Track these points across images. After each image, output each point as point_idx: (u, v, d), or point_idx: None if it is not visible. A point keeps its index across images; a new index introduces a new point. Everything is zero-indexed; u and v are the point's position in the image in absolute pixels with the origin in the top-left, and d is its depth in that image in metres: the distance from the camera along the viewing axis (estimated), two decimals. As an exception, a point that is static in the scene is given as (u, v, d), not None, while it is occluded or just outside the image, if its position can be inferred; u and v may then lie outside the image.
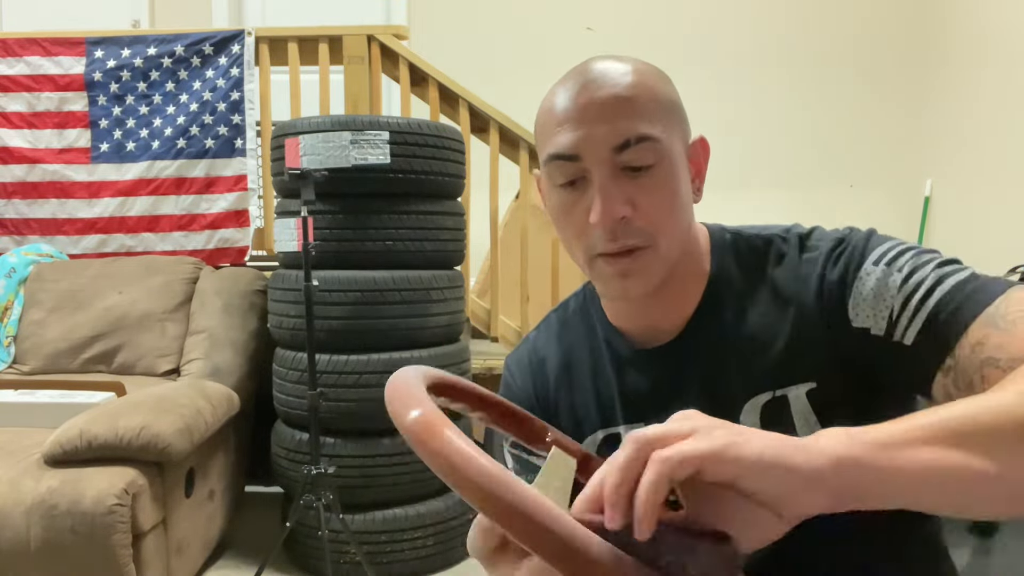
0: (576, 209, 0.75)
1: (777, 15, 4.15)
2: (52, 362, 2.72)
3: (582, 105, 0.72)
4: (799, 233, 0.81)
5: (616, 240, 0.73)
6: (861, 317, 0.72)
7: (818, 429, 0.72)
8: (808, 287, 0.76)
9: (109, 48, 3.08)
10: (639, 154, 0.72)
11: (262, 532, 2.67)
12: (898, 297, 0.70)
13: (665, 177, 0.73)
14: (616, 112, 0.71)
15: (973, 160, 3.69)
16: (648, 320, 0.82)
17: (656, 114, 0.73)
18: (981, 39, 3.65)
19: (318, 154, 2.29)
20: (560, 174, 0.75)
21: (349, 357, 2.31)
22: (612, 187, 0.72)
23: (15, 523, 1.79)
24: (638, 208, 0.72)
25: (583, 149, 0.72)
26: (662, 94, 0.75)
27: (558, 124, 0.74)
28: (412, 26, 3.97)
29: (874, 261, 0.72)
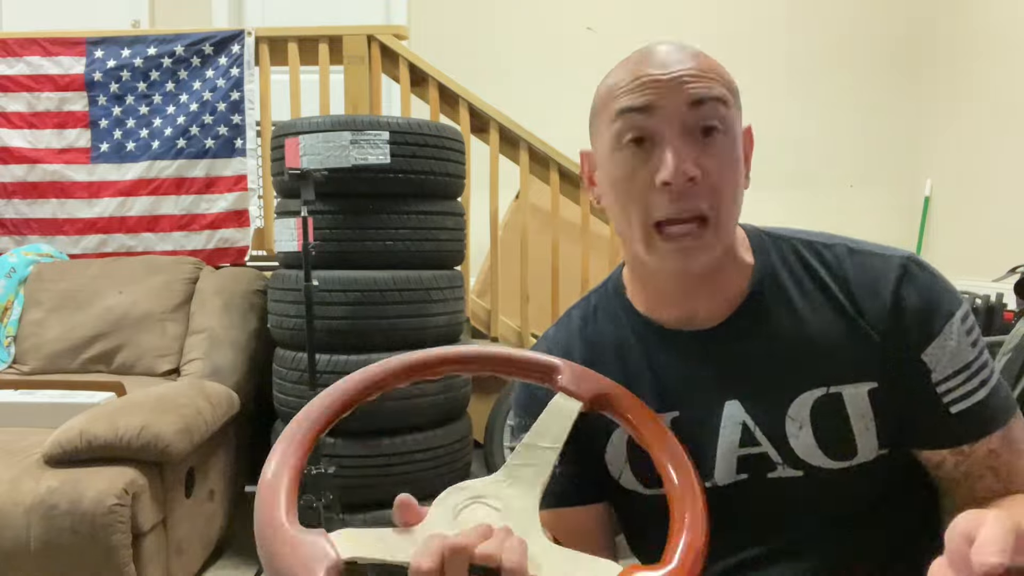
0: (641, 172, 0.73)
1: (777, 15, 4.15)
2: (52, 362, 2.72)
3: (658, 63, 0.73)
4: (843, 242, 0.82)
5: (682, 202, 0.72)
6: (931, 358, 0.76)
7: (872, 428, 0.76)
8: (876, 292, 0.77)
9: (109, 48, 3.08)
10: (713, 112, 0.72)
11: (262, 532, 2.67)
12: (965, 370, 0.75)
13: (731, 144, 0.74)
14: (693, 71, 0.72)
15: (973, 160, 3.69)
16: (683, 309, 0.82)
17: (725, 85, 0.75)
18: (981, 39, 3.65)
19: (318, 154, 2.29)
20: (630, 128, 0.73)
21: (349, 357, 2.31)
22: (683, 146, 0.71)
23: (15, 523, 1.79)
24: (706, 173, 0.72)
25: (659, 101, 0.72)
26: (727, 73, 0.77)
27: (630, 81, 0.73)
28: (412, 26, 3.98)
29: (961, 318, 0.76)
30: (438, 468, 2.41)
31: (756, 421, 0.79)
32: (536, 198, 3.16)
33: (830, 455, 0.77)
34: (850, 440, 0.77)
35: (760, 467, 0.79)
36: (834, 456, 0.77)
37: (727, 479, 0.80)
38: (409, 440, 2.35)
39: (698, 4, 4.19)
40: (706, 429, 0.81)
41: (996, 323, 2.30)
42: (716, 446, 0.80)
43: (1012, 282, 2.10)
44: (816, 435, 0.77)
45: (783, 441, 0.78)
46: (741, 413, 0.79)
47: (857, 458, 0.77)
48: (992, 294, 2.35)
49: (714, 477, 0.80)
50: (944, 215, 3.96)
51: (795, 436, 0.78)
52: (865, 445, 0.77)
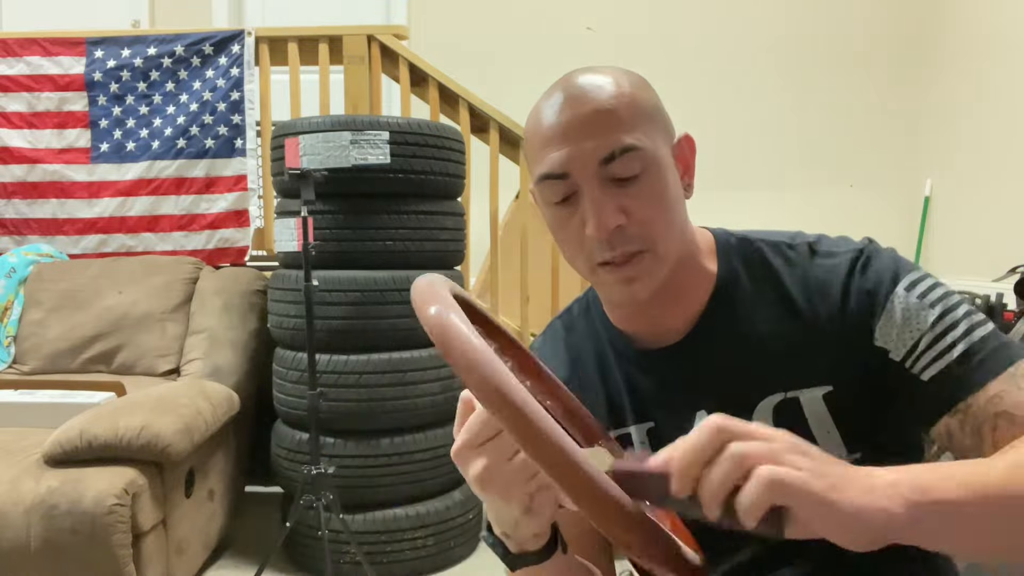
0: (572, 223, 0.76)
1: (777, 15, 4.15)
2: (52, 362, 2.72)
3: (565, 123, 0.73)
4: (807, 240, 0.82)
5: (615, 249, 0.74)
6: (883, 338, 0.74)
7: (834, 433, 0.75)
8: (827, 292, 0.77)
9: (109, 48, 3.08)
10: (625, 164, 0.73)
11: (262, 532, 2.67)
12: (928, 333, 0.73)
13: (653, 183, 0.74)
14: (598, 126, 0.73)
15: (973, 160, 3.69)
16: (651, 321, 0.83)
17: (638, 122, 0.74)
18: (981, 39, 3.65)
19: (318, 154, 2.29)
20: (552, 193, 0.76)
21: (349, 357, 2.31)
22: (603, 199, 0.73)
23: (15, 523, 1.79)
24: (631, 215, 0.74)
25: (571, 166, 0.73)
26: (642, 101, 0.75)
27: (544, 144, 0.75)
28: (412, 26, 3.98)
29: (906, 287, 0.74)
30: (438, 468, 2.41)
31: None
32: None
33: None
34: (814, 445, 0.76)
35: None
36: None
37: None
38: (409, 440, 2.35)
39: (697, 4, 4.19)
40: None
41: (996, 323, 2.31)
42: None
43: (1012, 282, 2.10)
44: None
45: None
46: None
47: None
48: (992, 294, 2.35)
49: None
50: (944, 215, 3.96)
51: None
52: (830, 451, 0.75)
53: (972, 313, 0.74)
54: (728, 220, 0.90)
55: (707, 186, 5.16)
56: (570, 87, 0.75)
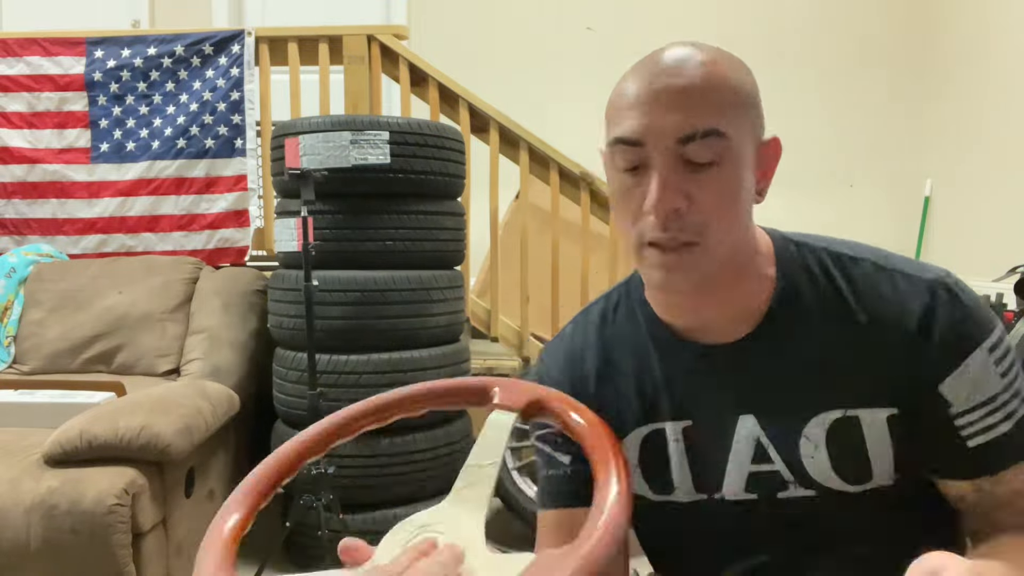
0: (634, 194, 0.73)
1: (776, 15, 4.15)
2: (52, 362, 2.72)
3: (654, 91, 0.71)
4: (871, 258, 0.80)
5: (667, 230, 0.72)
6: (951, 391, 0.74)
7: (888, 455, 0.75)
8: (900, 319, 0.75)
9: (109, 48, 3.08)
10: (704, 149, 0.70)
11: (262, 532, 2.66)
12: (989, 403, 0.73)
13: (727, 176, 0.72)
14: (687, 103, 0.70)
15: (973, 160, 3.69)
16: (700, 318, 0.81)
17: (728, 109, 0.71)
18: (981, 39, 3.65)
19: (318, 154, 2.29)
20: (623, 158, 0.73)
21: (349, 357, 2.31)
22: (671, 177, 0.70)
23: (15, 523, 1.79)
24: (694, 202, 0.71)
25: (648, 136, 0.71)
26: (739, 88, 0.73)
27: (628, 107, 0.72)
28: (412, 26, 3.98)
29: (988, 348, 0.74)
30: (438, 468, 2.41)
31: (770, 438, 0.78)
32: (536, 198, 3.16)
33: (845, 478, 0.76)
34: (865, 464, 0.76)
35: (771, 485, 0.79)
36: (849, 479, 0.76)
37: (736, 495, 0.80)
38: (409, 440, 2.35)
39: (698, 4, 4.19)
40: (718, 441, 0.80)
41: (996, 323, 2.31)
42: (727, 460, 0.80)
43: (1012, 282, 2.10)
44: (831, 456, 0.76)
45: (797, 460, 0.77)
46: (756, 429, 0.79)
47: (872, 482, 0.76)
48: (992, 294, 2.35)
49: (722, 490, 0.81)
50: (944, 215, 3.96)
51: (810, 456, 0.77)
52: (882, 470, 0.76)
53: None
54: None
55: (707, 186, 5.07)
56: (666, 58, 0.72)
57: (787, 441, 0.77)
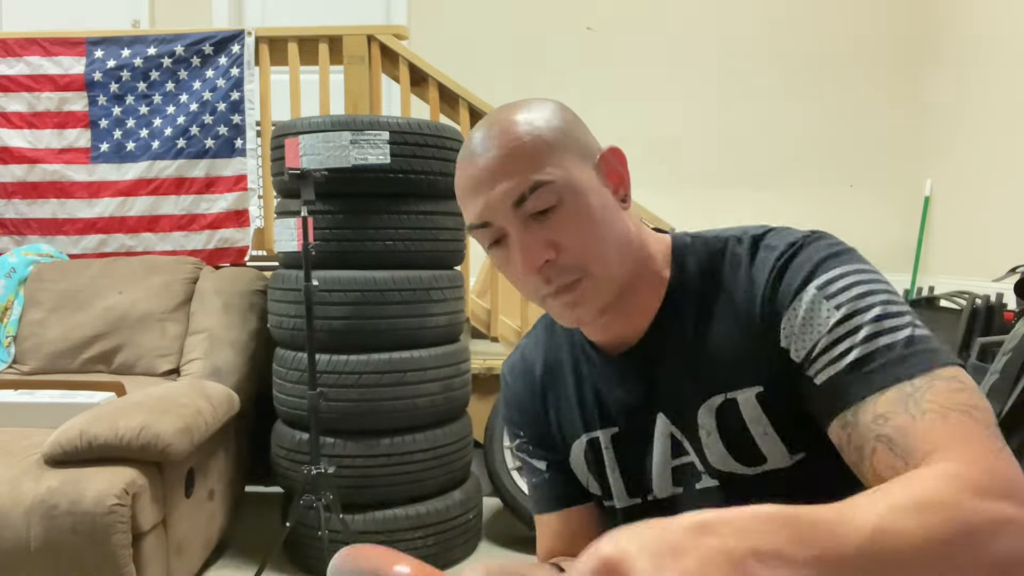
0: (509, 263, 0.77)
1: (776, 15, 4.15)
2: (52, 362, 2.72)
3: (474, 174, 0.75)
4: (753, 235, 0.79)
5: (551, 282, 0.75)
6: (785, 338, 0.72)
7: (772, 433, 0.75)
8: (755, 292, 0.76)
9: (109, 48, 3.08)
10: (539, 200, 0.73)
11: (262, 532, 2.67)
12: (825, 336, 0.69)
13: (574, 209, 0.74)
14: (503, 171, 0.73)
15: (973, 160, 3.69)
16: (612, 331, 0.84)
17: (542, 155, 0.74)
18: (981, 39, 3.65)
19: (318, 154, 2.29)
20: (483, 239, 0.78)
21: (349, 357, 2.31)
22: (526, 238, 0.74)
23: (15, 523, 1.79)
24: (558, 247, 0.74)
25: (489, 215, 0.75)
26: (544, 132, 0.75)
27: (463, 196, 0.77)
28: (412, 26, 3.98)
29: (818, 286, 0.71)
30: (438, 468, 2.41)
31: (680, 429, 0.81)
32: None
33: (741, 461, 0.78)
34: (753, 446, 0.76)
35: (690, 478, 0.82)
36: (745, 462, 0.78)
37: (665, 492, 0.84)
38: (409, 440, 2.35)
39: (697, 4, 4.19)
40: (642, 444, 0.84)
41: (996, 323, 2.30)
42: (652, 460, 0.84)
43: (1012, 282, 2.10)
44: (724, 442, 0.78)
45: (701, 449, 0.80)
46: (668, 425, 0.82)
47: (769, 463, 0.76)
48: (992, 294, 2.34)
49: (654, 491, 0.84)
50: (944, 215, 3.95)
51: (707, 444, 0.79)
52: (772, 450, 0.76)
53: (886, 316, 0.67)
54: (727, 219, 0.91)
55: (707, 185, 5.09)
56: (477, 136, 0.76)
57: (691, 432, 0.80)
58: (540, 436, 0.93)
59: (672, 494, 0.83)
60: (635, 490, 0.86)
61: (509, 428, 0.98)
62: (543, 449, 0.93)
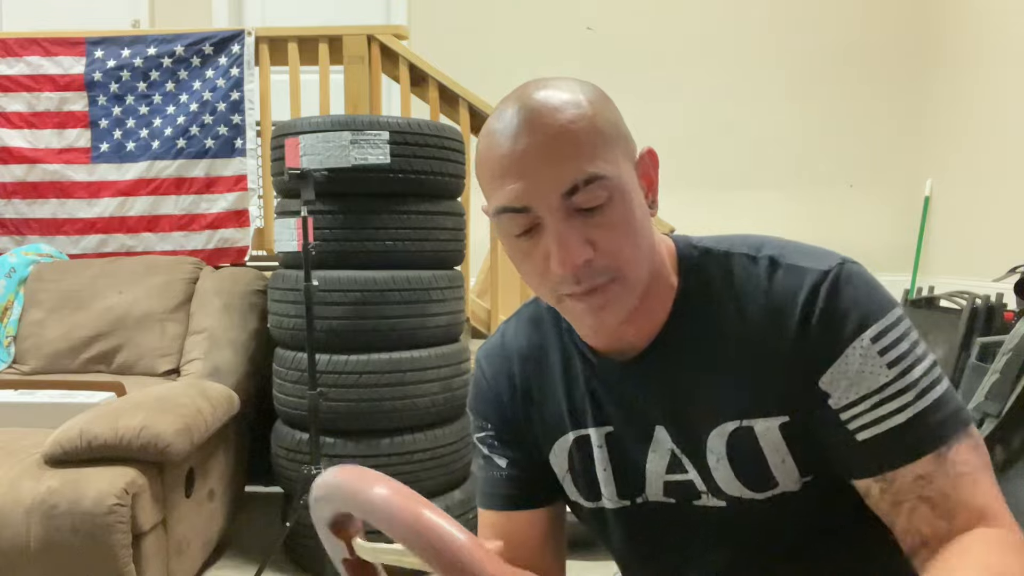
0: (534, 255, 0.72)
1: (777, 15, 4.15)
2: (52, 362, 2.72)
3: (521, 151, 0.68)
4: (770, 253, 0.76)
5: (580, 283, 0.70)
6: (831, 384, 0.70)
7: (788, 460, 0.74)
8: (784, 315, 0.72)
9: (109, 48, 3.08)
10: (590, 195, 0.68)
11: (262, 532, 2.67)
12: (875, 394, 0.69)
13: (620, 210, 0.70)
14: (558, 155, 0.67)
15: (973, 160, 3.69)
16: (613, 336, 0.79)
17: (599, 147, 0.69)
18: (981, 39, 3.65)
19: (318, 154, 2.29)
20: (513, 225, 0.72)
21: (349, 357, 2.31)
22: (568, 232, 0.69)
23: (15, 523, 1.79)
24: (598, 247, 0.69)
25: (531, 200, 0.69)
26: (603, 121, 0.70)
27: (501, 174, 0.70)
28: (412, 26, 3.98)
29: (872, 338, 0.69)
30: (438, 468, 2.41)
31: (682, 449, 0.78)
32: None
33: (750, 487, 0.76)
34: (767, 473, 0.75)
35: (687, 494, 0.79)
36: (754, 487, 0.76)
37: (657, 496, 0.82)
38: (409, 440, 2.35)
39: (697, 4, 4.19)
40: (636, 450, 0.81)
41: (996, 323, 2.30)
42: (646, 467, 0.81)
43: (1012, 282, 2.10)
44: (733, 467, 0.75)
45: (707, 471, 0.77)
46: (668, 440, 0.79)
47: (780, 488, 0.75)
48: (992, 294, 2.34)
49: (645, 492, 0.82)
50: (944, 215, 3.96)
51: (715, 468, 0.77)
52: (785, 476, 0.75)
53: (925, 375, 0.69)
54: (728, 219, 0.90)
55: (707, 185, 5.08)
56: (525, 109, 0.69)
57: (695, 452, 0.77)
58: (510, 430, 0.88)
59: (664, 502, 0.81)
60: (626, 492, 0.83)
61: (475, 418, 0.92)
62: (508, 447, 0.89)
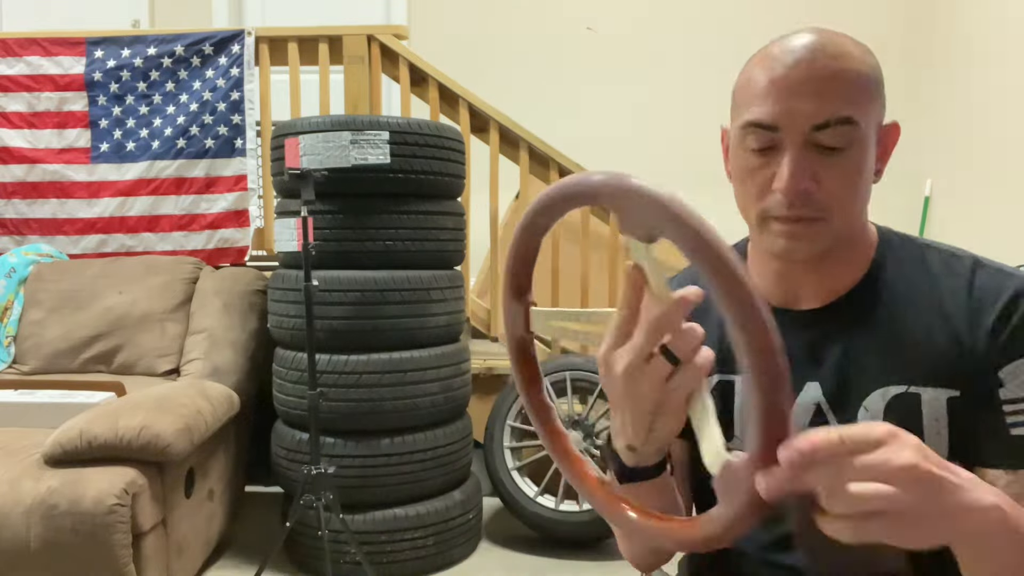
0: (762, 172, 0.77)
1: (778, 15, 4.15)
2: (52, 362, 2.72)
3: (788, 79, 0.74)
4: (974, 256, 0.82)
5: (794, 209, 0.75)
6: (1009, 375, 0.75)
7: (944, 436, 0.76)
8: (985, 307, 0.77)
9: (109, 48, 3.08)
10: (836, 135, 0.74)
11: (262, 532, 2.67)
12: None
13: (854, 160, 0.75)
14: (821, 91, 0.73)
15: (973, 160, 3.69)
16: (796, 288, 0.84)
17: (859, 96, 0.75)
18: (981, 40, 3.65)
19: (318, 154, 2.29)
20: (755, 140, 0.77)
21: (349, 357, 2.31)
22: (803, 159, 0.74)
23: (15, 523, 1.79)
24: (821, 184, 0.75)
25: (783, 121, 0.74)
26: (869, 75, 0.76)
27: (763, 93, 0.76)
28: (412, 26, 3.98)
29: None
30: (438, 468, 2.41)
31: (831, 404, 0.81)
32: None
33: None
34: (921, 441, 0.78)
35: None
36: None
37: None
38: (409, 440, 2.35)
39: (698, 4, 4.19)
40: None
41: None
42: None
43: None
44: None
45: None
46: (818, 395, 0.82)
47: None
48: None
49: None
50: (944, 215, 3.96)
51: None
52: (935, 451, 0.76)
53: None
54: (728, 219, 0.90)
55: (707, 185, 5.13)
56: (802, 45, 0.75)
57: (846, 409, 0.80)
58: None
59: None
60: None
61: None
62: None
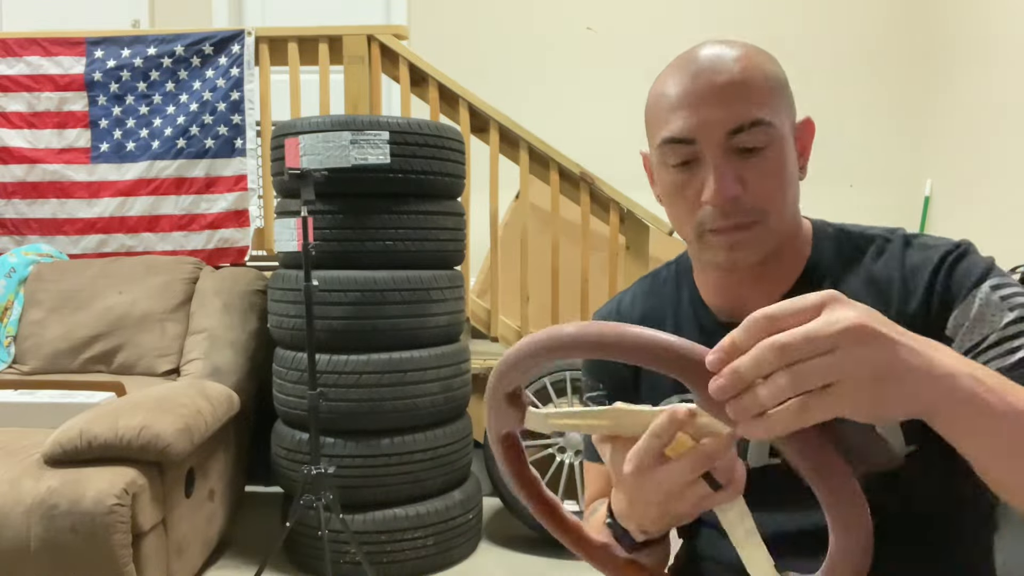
0: (689, 187, 0.78)
1: (777, 15, 4.15)
2: (52, 362, 2.72)
3: (697, 90, 0.76)
4: (905, 233, 0.83)
5: (728, 218, 0.76)
6: (954, 328, 0.75)
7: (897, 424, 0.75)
8: (916, 281, 0.78)
9: (109, 48, 3.08)
10: (752, 137, 0.75)
11: (262, 532, 2.67)
12: (996, 332, 0.73)
13: (775, 158, 0.77)
14: (731, 97, 0.75)
15: (973, 160, 3.69)
16: (739, 296, 0.85)
17: (768, 97, 0.77)
18: (981, 40, 3.65)
19: (318, 154, 2.29)
20: (674, 156, 0.78)
21: (349, 357, 2.31)
22: (725, 167, 0.75)
23: (15, 523, 1.79)
24: (748, 187, 0.76)
25: (699, 133, 0.76)
26: (773, 77, 0.79)
27: (673, 108, 0.77)
28: (412, 26, 3.98)
29: (992, 286, 0.75)
30: (438, 468, 2.41)
31: None
32: (536, 198, 3.16)
33: None
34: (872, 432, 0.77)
35: None
36: None
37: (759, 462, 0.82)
38: (409, 440, 2.35)
39: (698, 4, 4.19)
40: None
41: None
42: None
43: (1012, 282, 2.10)
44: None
45: None
46: None
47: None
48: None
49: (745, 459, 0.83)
50: (944, 215, 3.96)
51: None
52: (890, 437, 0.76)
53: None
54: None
55: (707, 186, 5.05)
56: (702, 57, 0.77)
57: None
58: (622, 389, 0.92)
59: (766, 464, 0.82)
60: None
61: (588, 378, 0.96)
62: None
